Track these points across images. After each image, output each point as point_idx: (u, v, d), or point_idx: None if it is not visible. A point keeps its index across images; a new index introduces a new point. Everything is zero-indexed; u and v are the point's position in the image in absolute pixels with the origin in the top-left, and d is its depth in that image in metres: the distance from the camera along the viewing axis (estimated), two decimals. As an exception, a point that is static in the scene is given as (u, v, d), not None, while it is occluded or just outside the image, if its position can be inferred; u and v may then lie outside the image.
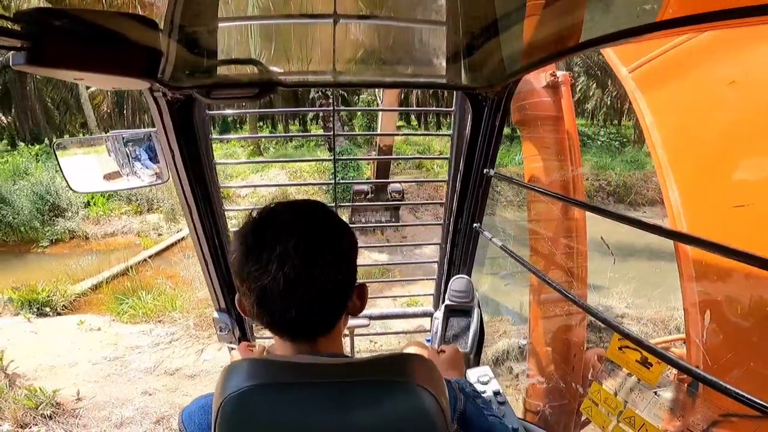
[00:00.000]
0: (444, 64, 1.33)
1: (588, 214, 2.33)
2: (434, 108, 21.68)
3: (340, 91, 17.12)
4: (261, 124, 27.64)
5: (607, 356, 1.13)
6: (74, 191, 1.26)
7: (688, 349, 1.50)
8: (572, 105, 2.52)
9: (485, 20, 1.18)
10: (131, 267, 8.87)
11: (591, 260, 2.59)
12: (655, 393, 1.12)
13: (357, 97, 20.87)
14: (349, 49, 1.34)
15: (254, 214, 0.71)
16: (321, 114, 17.04)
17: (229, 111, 2.43)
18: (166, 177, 1.30)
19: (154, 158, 1.26)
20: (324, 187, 12.86)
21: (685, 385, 1.43)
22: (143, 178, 1.29)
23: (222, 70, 1.18)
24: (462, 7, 1.19)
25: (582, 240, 2.50)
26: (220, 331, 1.61)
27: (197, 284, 7.30)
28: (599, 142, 19.93)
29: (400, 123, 32.86)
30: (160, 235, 11.84)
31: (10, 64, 0.75)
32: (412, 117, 32.60)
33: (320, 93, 15.66)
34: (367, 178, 11.92)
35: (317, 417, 0.59)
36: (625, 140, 18.99)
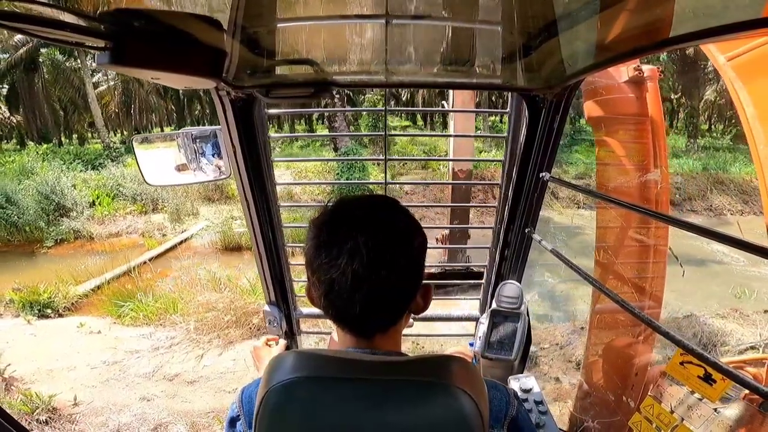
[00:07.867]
0: (499, 64, 1.30)
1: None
2: (489, 109, 21.33)
3: (346, 91, 16.93)
4: (268, 123, 27.75)
5: (667, 371, 1.08)
6: (149, 185, 1.34)
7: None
8: (660, 103, 2.32)
9: (543, 19, 1.13)
10: (134, 268, 8.59)
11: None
12: (715, 410, 1.06)
13: (362, 97, 20.39)
14: (401, 50, 1.33)
15: (329, 206, 0.72)
16: (326, 114, 17.22)
17: (286, 110, 2.46)
18: (228, 172, 1.35)
19: (218, 154, 1.32)
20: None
21: (754, 404, 1.33)
22: (208, 173, 1.36)
23: (280, 71, 1.21)
24: (517, 5, 1.16)
25: (661, 254, 2.30)
26: (269, 324, 1.66)
27: (198, 287, 7.11)
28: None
29: (406, 123, 31.89)
30: (164, 235, 11.68)
31: (95, 63, 0.79)
32: (418, 116, 31.61)
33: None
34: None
35: (355, 413, 0.60)
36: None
